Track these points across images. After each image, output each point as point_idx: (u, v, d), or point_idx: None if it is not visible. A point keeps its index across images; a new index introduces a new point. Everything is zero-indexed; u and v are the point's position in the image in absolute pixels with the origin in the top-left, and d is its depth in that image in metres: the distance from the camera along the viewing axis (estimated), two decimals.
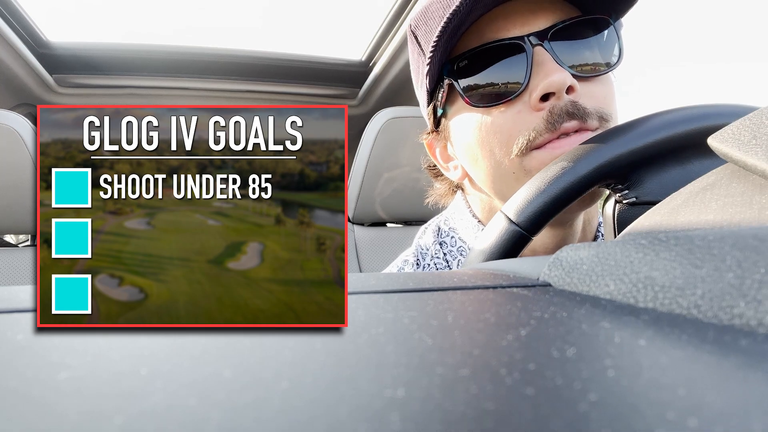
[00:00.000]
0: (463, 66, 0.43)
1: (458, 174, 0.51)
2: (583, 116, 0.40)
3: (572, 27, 0.41)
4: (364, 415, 0.09)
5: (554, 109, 0.40)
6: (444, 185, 0.57)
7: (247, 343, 0.15)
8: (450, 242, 0.54)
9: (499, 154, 0.43)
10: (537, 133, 0.40)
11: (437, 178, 0.58)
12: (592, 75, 0.41)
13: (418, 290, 0.21)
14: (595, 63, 0.41)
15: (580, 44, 0.41)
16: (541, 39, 0.40)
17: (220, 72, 1.47)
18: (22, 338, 0.15)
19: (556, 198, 0.36)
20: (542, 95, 0.40)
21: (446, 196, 0.58)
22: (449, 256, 0.53)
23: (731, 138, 0.23)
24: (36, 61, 1.30)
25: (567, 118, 0.40)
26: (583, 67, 0.41)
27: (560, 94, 0.39)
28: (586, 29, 0.42)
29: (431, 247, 0.55)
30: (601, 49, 0.42)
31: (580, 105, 0.40)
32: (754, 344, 0.12)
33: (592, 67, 0.41)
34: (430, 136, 0.53)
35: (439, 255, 0.53)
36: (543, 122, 0.40)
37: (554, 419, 0.09)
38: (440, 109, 0.48)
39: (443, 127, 0.50)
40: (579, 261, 0.20)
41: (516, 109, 0.41)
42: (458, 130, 0.47)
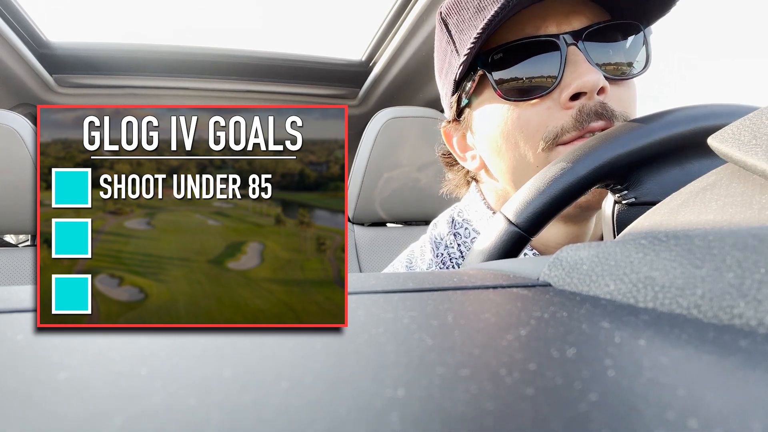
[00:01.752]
0: (498, 59, 0.44)
1: (476, 164, 0.52)
2: (611, 117, 0.41)
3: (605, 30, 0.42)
4: (364, 415, 0.09)
5: (584, 108, 0.41)
6: (458, 175, 0.58)
7: (247, 343, 0.15)
8: (464, 233, 0.54)
9: (524, 147, 0.43)
10: (564, 130, 0.41)
11: (450, 167, 0.58)
12: (621, 78, 0.42)
13: (418, 290, 0.21)
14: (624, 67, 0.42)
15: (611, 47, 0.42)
16: (576, 39, 0.41)
17: (220, 72, 1.47)
18: (22, 338, 0.15)
19: (555, 198, 0.36)
20: (573, 94, 0.40)
21: (460, 186, 0.58)
22: (463, 247, 0.53)
23: (731, 138, 0.23)
24: (36, 61, 1.30)
25: (595, 118, 0.41)
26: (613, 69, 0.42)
27: (591, 94, 0.40)
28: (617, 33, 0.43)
29: (446, 237, 0.55)
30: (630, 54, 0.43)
31: (609, 107, 0.41)
32: (754, 344, 0.12)
33: (622, 71, 0.42)
34: (450, 125, 0.54)
35: (453, 245, 0.54)
36: (571, 120, 0.41)
37: (554, 419, 0.09)
38: (465, 99, 0.49)
39: (465, 117, 0.51)
40: (579, 261, 0.20)
41: (546, 105, 0.42)
42: (483, 121, 0.47)
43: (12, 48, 1.20)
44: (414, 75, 1.38)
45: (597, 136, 0.38)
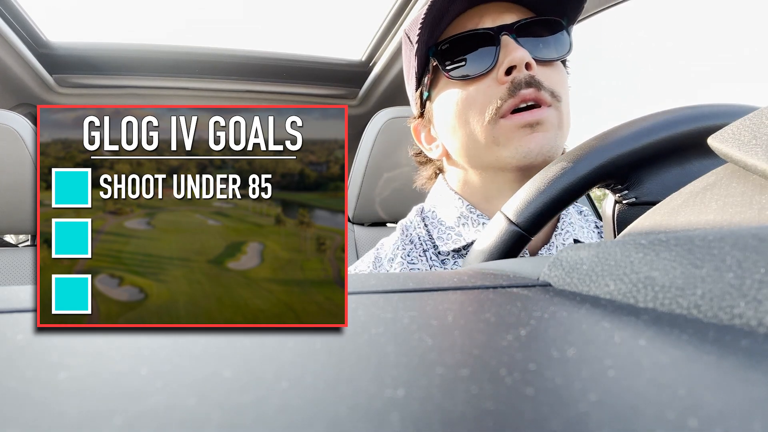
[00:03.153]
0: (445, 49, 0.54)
1: (439, 152, 0.60)
2: (538, 86, 0.49)
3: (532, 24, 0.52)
4: (364, 415, 0.09)
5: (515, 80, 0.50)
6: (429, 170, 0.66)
7: (247, 343, 0.15)
8: (431, 216, 0.61)
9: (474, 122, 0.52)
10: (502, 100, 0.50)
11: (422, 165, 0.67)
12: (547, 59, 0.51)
13: (418, 290, 0.21)
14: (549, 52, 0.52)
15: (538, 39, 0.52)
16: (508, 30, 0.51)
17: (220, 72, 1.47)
18: (22, 338, 0.15)
19: (555, 198, 0.36)
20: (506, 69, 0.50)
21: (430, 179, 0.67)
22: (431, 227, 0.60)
23: (731, 138, 0.23)
24: (36, 61, 1.30)
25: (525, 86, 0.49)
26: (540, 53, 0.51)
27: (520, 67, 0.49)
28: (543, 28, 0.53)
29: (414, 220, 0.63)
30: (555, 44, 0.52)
31: (537, 78, 0.49)
32: (754, 344, 0.12)
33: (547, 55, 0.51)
34: (417, 121, 0.63)
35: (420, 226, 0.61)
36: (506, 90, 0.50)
37: (554, 419, 0.09)
38: (426, 93, 0.58)
39: (427, 110, 0.60)
40: (579, 261, 0.20)
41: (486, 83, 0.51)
42: (440, 109, 0.56)
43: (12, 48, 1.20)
44: None
45: (597, 135, 0.38)
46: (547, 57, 0.51)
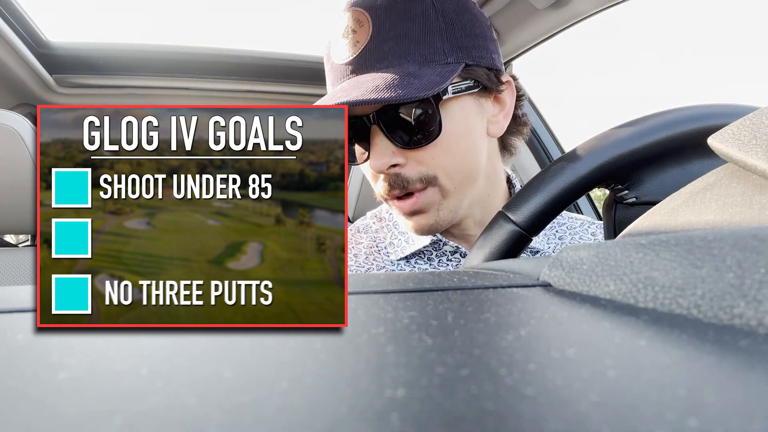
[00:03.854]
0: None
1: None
2: (405, 185, 0.50)
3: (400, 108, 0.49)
4: (364, 415, 0.09)
5: (385, 179, 0.51)
6: None
7: (247, 343, 0.15)
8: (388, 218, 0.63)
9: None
10: (380, 193, 0.53)
11: None
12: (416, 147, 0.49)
13: (418, 290, 0.21)
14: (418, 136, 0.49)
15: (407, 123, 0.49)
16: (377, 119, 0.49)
17: (220, 72, 1.47)
18: (22, 338, 0.15)
19: (555, 198, 0.36)
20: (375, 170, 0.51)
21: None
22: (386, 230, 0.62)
23: (731, 138, 0.23)
24: (36, 61, 1.30)
25: (393, 189, 0.51)
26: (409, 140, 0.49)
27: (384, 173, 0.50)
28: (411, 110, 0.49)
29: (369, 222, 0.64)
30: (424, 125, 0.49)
31: (402, 176, 0.50)
32: (754, 344, 0.12)
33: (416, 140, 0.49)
34: None
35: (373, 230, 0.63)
36: (381, 189, 0.52)
37: (554, 419, 0.09)
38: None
39: None
40: (579, 261, 0.20)
41: (368, 168, 0.52)
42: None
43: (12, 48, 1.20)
44: None
45: (597, 135, 0.38)
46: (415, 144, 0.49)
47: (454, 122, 0.50)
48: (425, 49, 0.48)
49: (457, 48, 0.49)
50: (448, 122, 0.49)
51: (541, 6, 0.94)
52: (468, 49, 0.50)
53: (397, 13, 0.48)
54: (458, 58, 0.49)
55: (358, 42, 0.49)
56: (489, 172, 0.55)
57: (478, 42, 0.50)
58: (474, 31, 0.50)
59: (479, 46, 0.50)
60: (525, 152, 1.33)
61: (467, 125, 0.51)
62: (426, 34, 0.48)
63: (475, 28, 0.51)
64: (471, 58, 0.50)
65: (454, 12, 0.50)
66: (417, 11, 0.48)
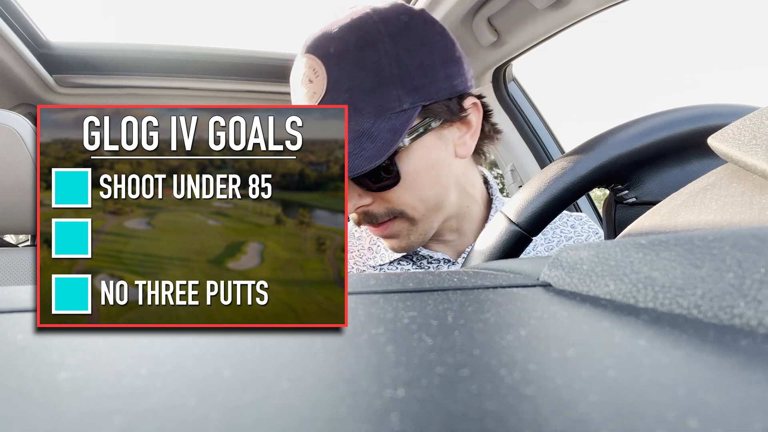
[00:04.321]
0: None
1: None
2: (373, 221, 0.54)
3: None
4: (364, 415, 0.09)
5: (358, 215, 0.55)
6: None
7: (247, 343, 0.15)
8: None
9: None
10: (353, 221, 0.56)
11: None
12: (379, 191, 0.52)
13: (418, 290, 0.21)
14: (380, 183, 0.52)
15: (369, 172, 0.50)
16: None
17: (220, 72, 1.47)
18: (22, 338, 0.15)
19: (556, 198, 0.36)
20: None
21: None
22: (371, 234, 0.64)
23: (731, 138, 0.23)
24: (36, 61, 1.30)
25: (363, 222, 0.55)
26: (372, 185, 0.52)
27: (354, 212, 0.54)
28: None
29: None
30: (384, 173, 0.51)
31: (370, 213, 0.53)
32: (754, 344, 0.12)
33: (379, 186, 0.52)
34: None
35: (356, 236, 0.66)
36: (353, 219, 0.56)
37: (554, 419, 0.09)
38: None
39: None
40: (579, 261, 0.20)
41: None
42: None
43: (12, 48, 1.20)
44: None
45: (597, 135, 0.38)
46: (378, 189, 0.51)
47: (415, 162, 0.51)
48: (379, 100, 0.48)
49: (413, 91, 0.48)
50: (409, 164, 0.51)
51: (541, 6, 0.94)
52: (425, 89, 0.49)
53: (350, 62, 0.48)
54: (414, 101, 0.48)
55: (315, 93, 0.49)
56: (463, 186, 0.57)
57: (437, 74, 0.49)
58: (432, 64, 0.49)
59: (438, 78, 0.49)
60: (525, 152, 1.33)
61: (429, 161, 0.52)
62: (379, 84, 0.48)
63: (433, 60, 0.49)
64: (428, 97, 0.49)
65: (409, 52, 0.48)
66: (369, 60, 0.47)
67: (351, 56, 0.48)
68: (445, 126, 0.52)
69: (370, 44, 0.48)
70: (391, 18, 0.49)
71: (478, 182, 0.60)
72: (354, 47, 0.48)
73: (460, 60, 0.52)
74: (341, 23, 0.49)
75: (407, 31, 0.49)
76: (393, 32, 0.48)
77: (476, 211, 0.59)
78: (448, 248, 0.60)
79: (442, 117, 0.51)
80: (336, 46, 0.48)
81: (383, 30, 0.48)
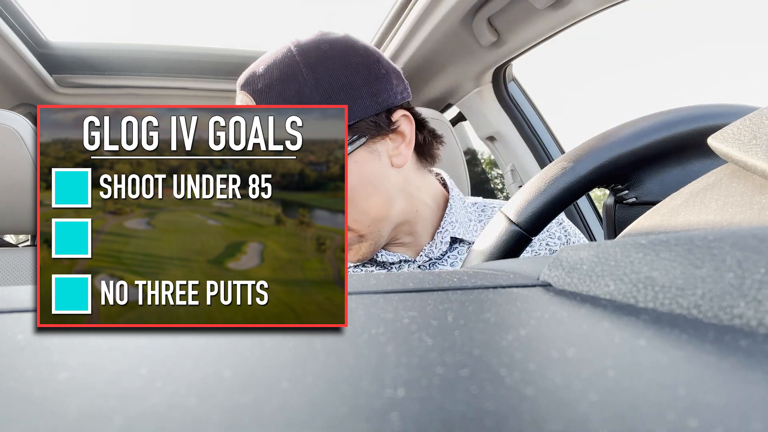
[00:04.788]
0: None
1: None
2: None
3: None
4: (364, 415, 0.09)
5: None
6: None
7: (247, 343, 0.15)
8: None
9: None
10: None
11: None
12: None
13: (418, 290, 0.21)
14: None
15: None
16: None
17: (220, 72, 1.47)
18: (22, 338, 0.15)
19: (556, 198, 0.36)
20: None
21: None
22: None
23: (731, 138, 0.23)
24: (36, 61, 1.30)
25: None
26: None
27: None
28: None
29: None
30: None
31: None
32: (754, 344, 0.12)
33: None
34: None
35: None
36: None
37: (554, 419, 0.09)
38: None
39: None
40: (579, 261, 0.20)
41: None
42: None
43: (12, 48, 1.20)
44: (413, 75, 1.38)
45: (597, 136, 0.38)
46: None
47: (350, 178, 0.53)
48: None
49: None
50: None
51: (541, 6, 0.94)
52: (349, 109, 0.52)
53: (275, 95, 0.52)
54: None
55: None
56: (409, 192, 0.58)
57: (361, 93, 0.53)
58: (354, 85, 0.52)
59: (363, 96, 0.53)
60: (525, 152, 1.33)
61: (363, 175, 0.54)
62: None
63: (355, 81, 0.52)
64: (353, 117, 0.52)
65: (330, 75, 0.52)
66: (292, 91, 0.52)
67: (275, 89, 0.52)
68: (376, 140, 0.54)
69: (292, 76, 0.52)
70: (310, 49, 0.53)
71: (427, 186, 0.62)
72: (278, 81, 0.52)
73: (385, 76, 0.55)
74: (267, 61, 0.54)
75: (326, 60, 0.53)
76: (313, 63, 0.52)
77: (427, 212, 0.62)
78: (406, 248, 0.62)
79: (368, 133, 0.53)
80: (263, 82, 0.53)
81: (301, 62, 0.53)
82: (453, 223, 0.61)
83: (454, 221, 0.61)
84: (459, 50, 1.19)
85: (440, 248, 0.60)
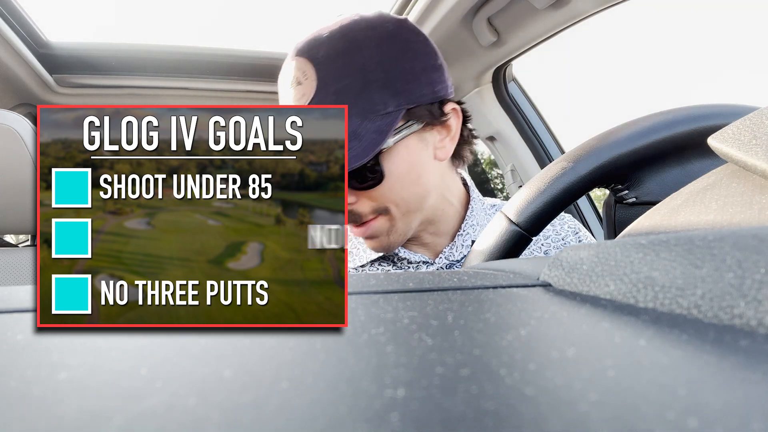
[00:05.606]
0: None
1: None
2: (357, 219, 0.55)
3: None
4: (364, 415, 0.09)
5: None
6: None
7: (247, 343, 0.15)
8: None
9: None
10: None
11: None
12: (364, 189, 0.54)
13: (418, 290, 0.21)
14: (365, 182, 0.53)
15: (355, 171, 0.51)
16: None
17: (219, 72, 1.47)
18: (22, 338, 0.15)
19: (556, 198, 0.36)
20: None
21: None
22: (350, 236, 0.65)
23: (731, 138, 0.23)
24: (36, 61, 1.30)
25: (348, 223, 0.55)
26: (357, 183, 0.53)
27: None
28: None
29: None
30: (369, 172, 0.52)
31: (355, 211, 0.55)
32: (754, 344, 0.12)
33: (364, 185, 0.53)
34: None
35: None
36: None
37: (554, 419, 0.09)
38: None
39: None
40: (579, 261, 0.20)
41: None
42: None
43: (12, 48, 1.20)
44: None
45: (597, 135, 0.38)
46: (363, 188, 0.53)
47: (398, 163, 0.53)
48: (365, 103, 0.50)
49: (397, 94, 0.51)
50: (393, 164, 0.53)
51: (541, 6, 0.94)
52: (409, 93, 0.51)
53: (339, 66, 0.50)
54: (399, 104, 0.51)
55: (304, 95, 0.51)
56: (441, 189, 0.59)
57: (420, 80, 0.52)
58: (415, 70, 0.52)
59: (421, 83, 0.52)
60: (525, 152, 1.33)
61: (411, 162, 0.54)
62: (366, 87, 0.50)
63: (416, 67, 0.52)
64: (412, 101, 0.51)
65: (394, 57, 0.51)
66: (357, 64, 0.50)
67: (339, 60, 0.50)
68: (426, 129, 0.54)
69: (357, 49, 0.50)
70: (377, 26, 0.51)
71: (455, 186, 0.62)
72: (342, 52, 0.50)
73: (441, 68, 0.55)
74: (331, 29, 0.52)
75: (392, 39, 0.51)
76: (379, 39, 0.51)
77: (452, 213, 0.61)
78: (426, 249, 0.62)
79: (424, 120, 0.53)
80: (325, 51, 0.51)
81: (370, 36, 0.51)
82: (474, 226, 0.61)
83: (475, 224, 0.61)
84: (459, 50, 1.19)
85: (461, 251, 0.59)
